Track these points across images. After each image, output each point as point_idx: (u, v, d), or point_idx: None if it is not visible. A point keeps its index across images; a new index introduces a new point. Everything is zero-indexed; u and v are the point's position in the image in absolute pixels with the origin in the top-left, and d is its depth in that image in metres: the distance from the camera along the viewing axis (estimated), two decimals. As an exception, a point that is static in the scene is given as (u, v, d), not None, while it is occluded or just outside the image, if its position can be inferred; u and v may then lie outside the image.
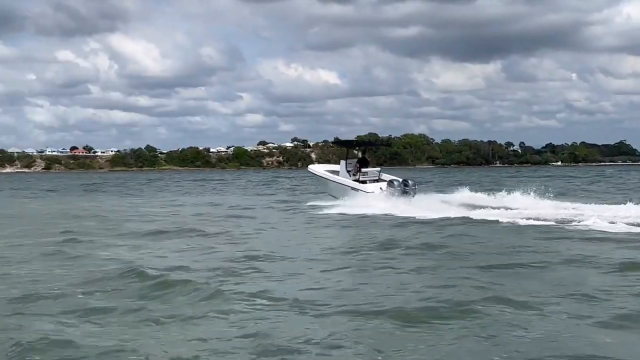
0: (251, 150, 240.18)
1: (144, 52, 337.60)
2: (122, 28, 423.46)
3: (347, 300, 11.44)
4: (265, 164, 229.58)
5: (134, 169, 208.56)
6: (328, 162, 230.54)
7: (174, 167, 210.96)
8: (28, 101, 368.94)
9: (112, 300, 11.93)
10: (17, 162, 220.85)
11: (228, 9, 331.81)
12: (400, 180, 33.30)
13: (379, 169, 37.06)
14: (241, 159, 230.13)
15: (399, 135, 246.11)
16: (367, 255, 16.97)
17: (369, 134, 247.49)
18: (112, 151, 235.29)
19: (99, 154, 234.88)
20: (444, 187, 47.51)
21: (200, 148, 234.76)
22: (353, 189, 33.46)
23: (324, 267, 15.15)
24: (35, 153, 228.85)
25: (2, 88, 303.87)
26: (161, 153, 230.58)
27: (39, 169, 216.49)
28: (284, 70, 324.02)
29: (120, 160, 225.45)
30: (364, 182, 34.00)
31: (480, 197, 32.31)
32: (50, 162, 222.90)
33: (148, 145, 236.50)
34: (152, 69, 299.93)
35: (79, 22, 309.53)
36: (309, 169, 41.08)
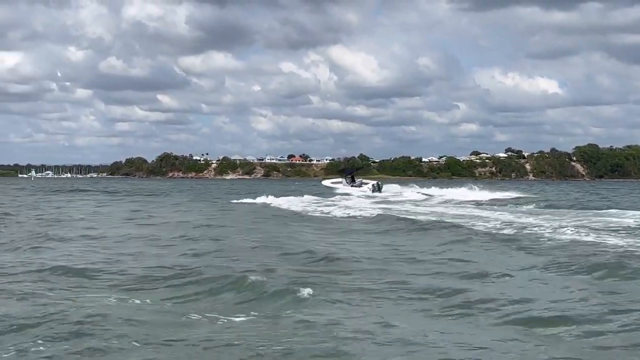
0: (463, 160, 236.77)
1: (362, 63, 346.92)
2: (343, 40, 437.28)
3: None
4: (477, 174, 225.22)
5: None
6: (543, 173, 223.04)
7: (385, 176, 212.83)
8: (253, 111, 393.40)
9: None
10: (239, 169, 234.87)
11: (446, 19, 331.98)
12: (374, 183, 63.92)
13: (361, 179, 66.83)
14: (453, 169, 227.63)
15: (621, 147, 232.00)
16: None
17: (589, 145, 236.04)
18: (326, 159, 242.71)
19: (314, 162, 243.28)
20: None
21: (412, 157, 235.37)
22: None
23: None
24: (255, 160, 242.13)
25: (231, 99, 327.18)
26: (373, 162, 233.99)
27: (258, 175, 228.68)
28: (501, 79, 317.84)
29: (334, 168, 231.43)
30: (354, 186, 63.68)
31: None
32: (269, 170, 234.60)
33: (361, 154, 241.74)
34: (370, 80, 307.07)
35: (304, 35, 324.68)
36: (322, 184, 73.05)
